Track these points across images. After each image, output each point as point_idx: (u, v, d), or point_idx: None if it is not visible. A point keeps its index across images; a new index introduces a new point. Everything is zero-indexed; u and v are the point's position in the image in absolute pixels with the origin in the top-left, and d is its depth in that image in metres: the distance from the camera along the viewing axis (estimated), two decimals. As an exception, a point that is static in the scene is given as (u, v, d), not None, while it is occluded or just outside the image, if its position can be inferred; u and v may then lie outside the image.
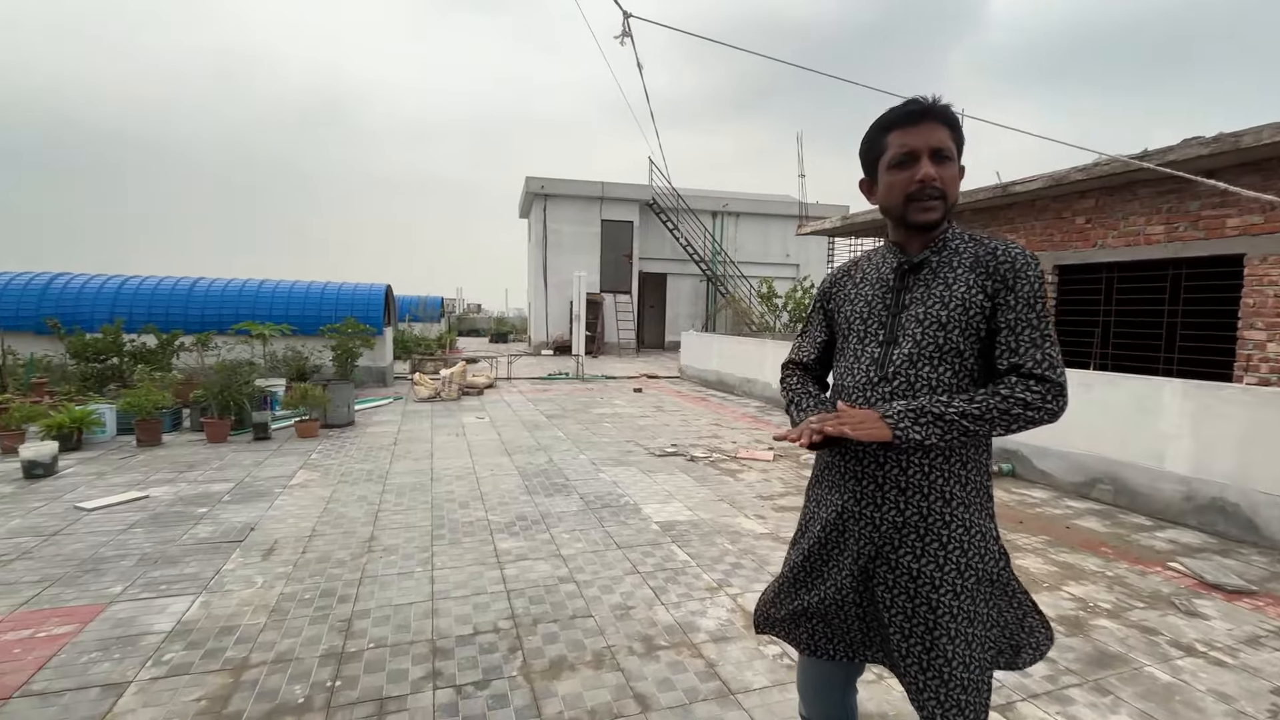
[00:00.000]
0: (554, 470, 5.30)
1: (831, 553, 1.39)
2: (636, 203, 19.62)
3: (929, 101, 1.28)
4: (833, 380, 1.46)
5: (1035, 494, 4.94)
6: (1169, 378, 4.50)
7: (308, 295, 10.02)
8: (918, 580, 1.26)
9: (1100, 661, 2.53)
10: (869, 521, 1.30)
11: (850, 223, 10.22)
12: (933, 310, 1.28)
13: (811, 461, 5.83)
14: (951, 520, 1.26)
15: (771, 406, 9.19)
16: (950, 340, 1.26)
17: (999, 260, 1.25)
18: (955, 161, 1.29)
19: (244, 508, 4.17)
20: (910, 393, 1.27)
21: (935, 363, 1.26)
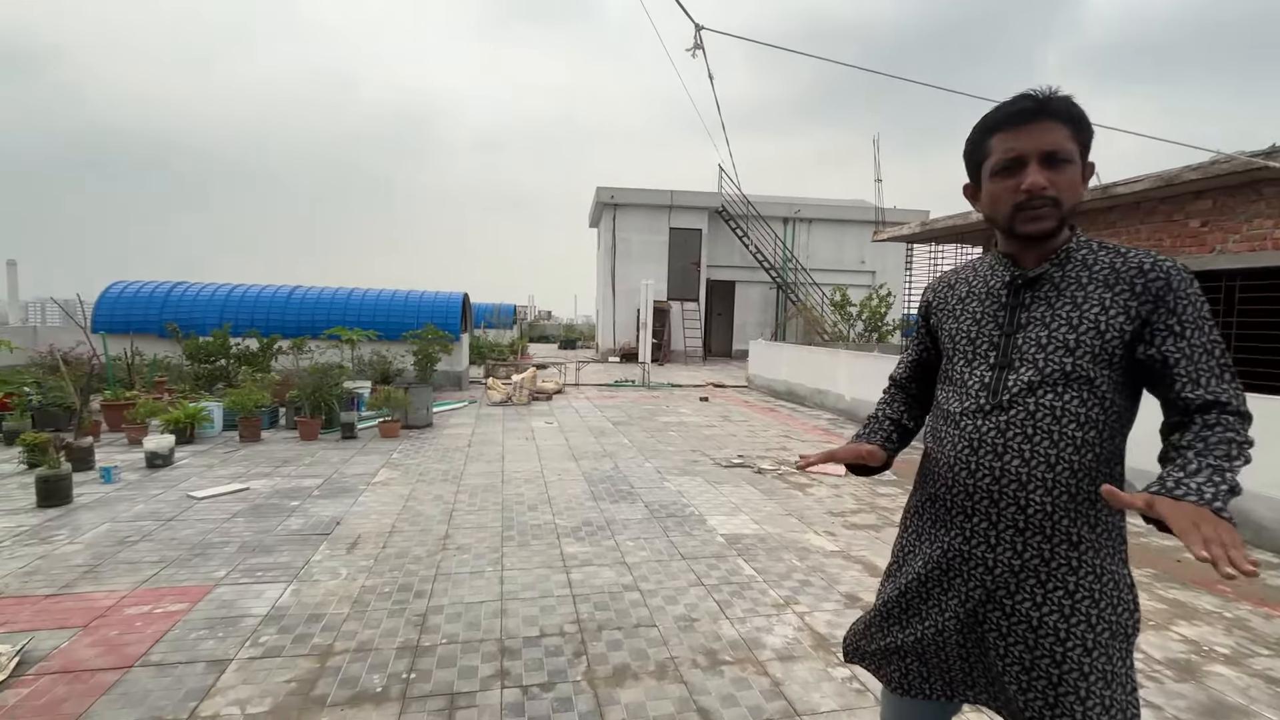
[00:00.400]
0: (619, 477, 5.34)
1: (933, 591, 1.28)
2: (705, 210, 19.57)
3: (1041, 97, 1.13)
4: (937, 403, 1.33)
5: (1137, 521, 4.53)
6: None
7: (392, 303, 10.60)
8: (1039, 631, 1.12)
9: (1216, 712, 2.28)
10: (980, 562, 1.18)
11: (930, 228, 9.79)
12: (1058, 333, 1.13)
13: (886, 478, 5.63)
14: (1080, 566, 1.12)
15: (844, 419, 8.90)
16: (1079, 367, 1.11)
17: (1149, 278, 1.09)
18: (1076, 164, 1.13)
19: (331, 503, 4.44)
20: (1031, 423, 1.12)
21: (1060, 390, 1.11)
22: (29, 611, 2.77)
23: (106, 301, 10.24)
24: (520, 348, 14.01)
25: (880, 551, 3.78)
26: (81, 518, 4.00)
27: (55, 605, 2.83)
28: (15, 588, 3.00)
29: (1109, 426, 1.12)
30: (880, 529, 4.20)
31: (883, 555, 3.72)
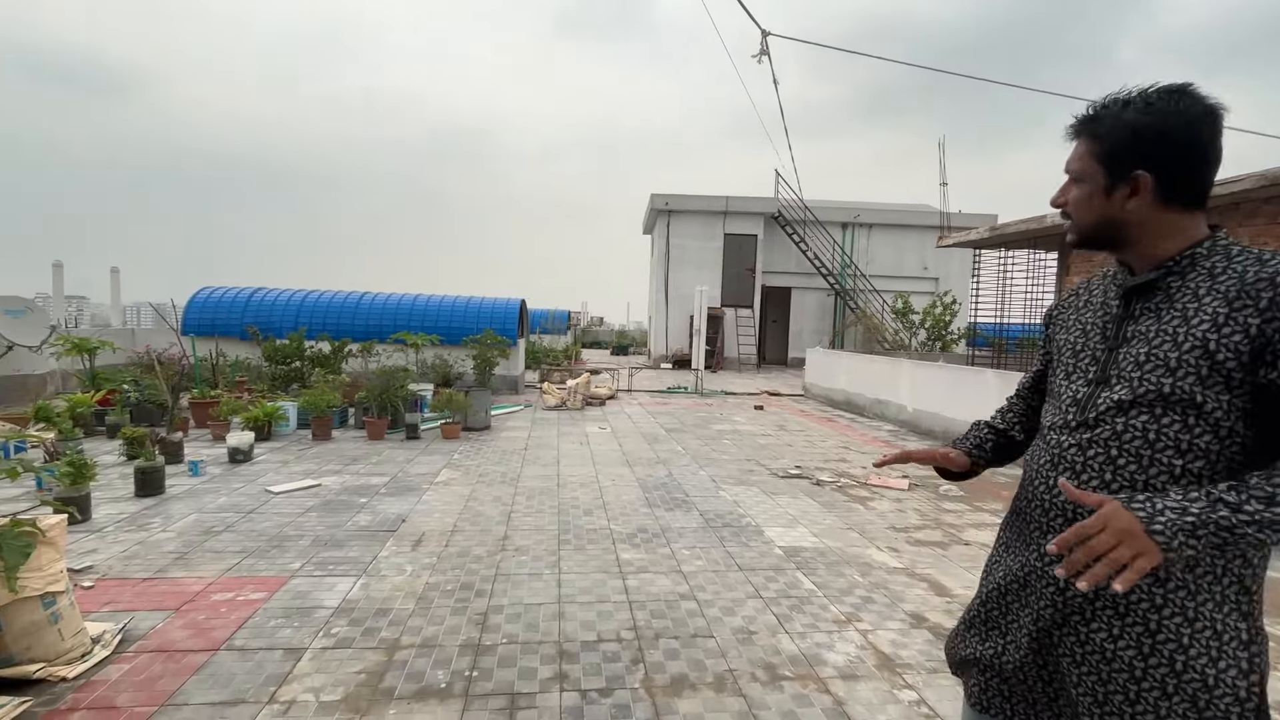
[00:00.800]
0: (673, 485, 5.32)
1: (1011, 606, 1.22)
2: (761, 216, 19.36)
3: (1091, 112, 1.11)
4: (1042, 420, 1.26)
5: None
6: None
7: (453, 308, 10.95)
8: (1113, 664, 1.03)
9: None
10: (1053, 582, 1.10)
11: (1000, 233, 9.36)
12: (1159, 349, 1.02)
13: (952, 493, 5.39)
14: (1165, 605, 1.00)
15: (906, 431, 8.59)
16: (1180, 389, 0.99)
17: (1276, 288, 0.93)
18: (1085, 182, 1.10)
19: (397, 501, 4.61)
20: (1116, 445, 1.04)
21: (1158, 414, 1.01)
22: (129, 593, 2.99)
23: (195, 306, 11.00)
24: (574, 353, 14.21)
25: (947, 570, 3.62)
26: (173, 507, 4.30)
27: (151, 588, 3.05)
28: (117, 570, 3.25)
29: (1225, 458, 0.98)
30: (947, 546, 4.02)
31: (950, 574, 3.56)
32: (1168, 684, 1.00)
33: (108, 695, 2.20)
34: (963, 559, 3.82)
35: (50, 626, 2.30)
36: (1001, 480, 5.89)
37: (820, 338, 21.15)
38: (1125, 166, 1.06)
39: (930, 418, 8.22)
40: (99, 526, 3.88)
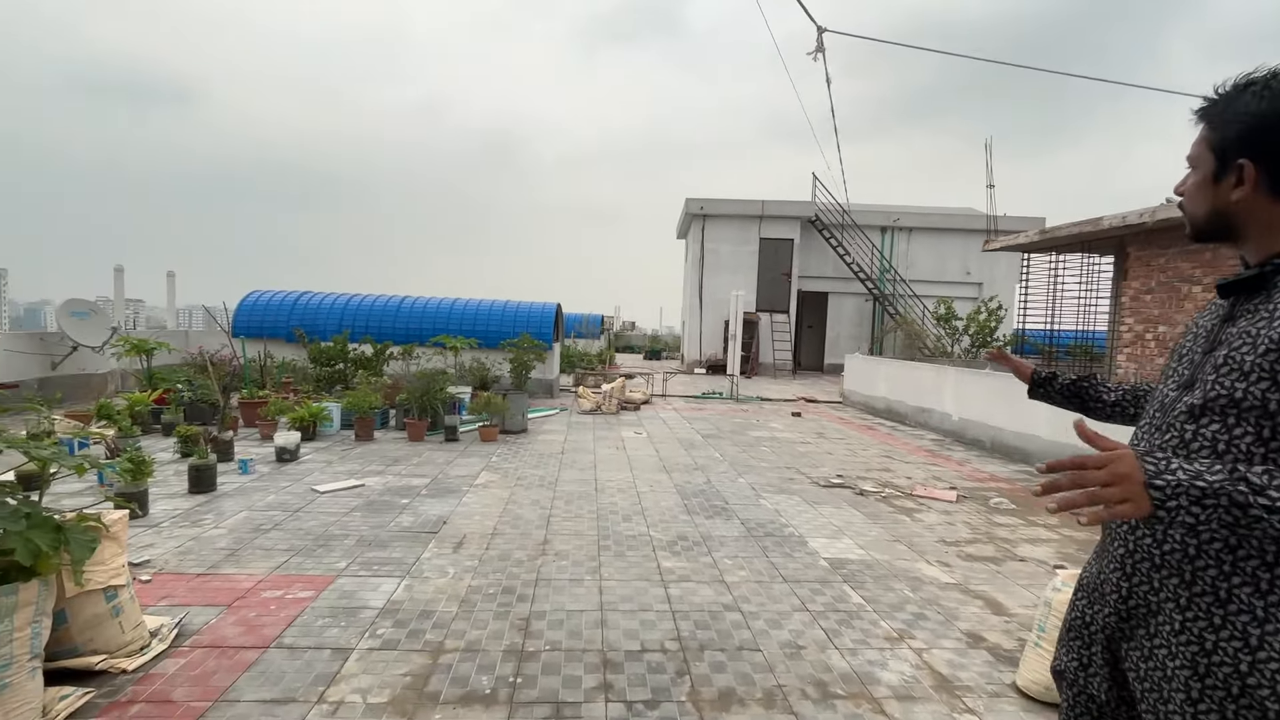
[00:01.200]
0: (712, 492, 5.24)
1: (1085, 613, 1.19)
2: (798, 220, 19.12)
3: (1210, 100, 1.05)
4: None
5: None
6: None
7: (490, 312, 11.08)
8: (1171, 682, 0.99)
9: None
10: (1115, 589, 1.09)
11: (1049, 237, 9.02)
12: (1238, 351, 0.96)
13: (1004, 505, 5.18)
14: (1224, 626, 0.93)
15: (951, 440, 8.32)
16: (1251, 394, 0.92)
17: None
18: (1199, 169, 1.06)
19: (438, 502, 4.65)
20: (1184, 452, 0.99)
21: (1230, 423, 0.95)
22: (184, 588, 3.06)
23: (245, 308, 11.38)
24: (608, 357, 14.21)
25: (1004, 588, 3.46)
26: (224, 504, 4.42)
27: (205, 584, 3.12)
28: (173, 564, 3.34)
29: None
30: (1001, 562, 3.85)
31: (1007, 591, 3.40)
32: (1226, 709, 0.93)
33: (164, 689, 2.24)
34: (1019, 576, 3.65)
35: (112, 620, 2.36)
36: (1056, 494, 5.64)
37: (858, 344, 20.74)
38: (1234, 154, 1.00)
39: (976, 427, 7.94)
40: (155, 521, 4.00)
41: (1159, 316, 7.77)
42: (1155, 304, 7.82)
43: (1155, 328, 7.81)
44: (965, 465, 6.82)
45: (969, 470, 6.56)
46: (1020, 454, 7.07)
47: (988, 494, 5.56)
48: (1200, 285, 7.26)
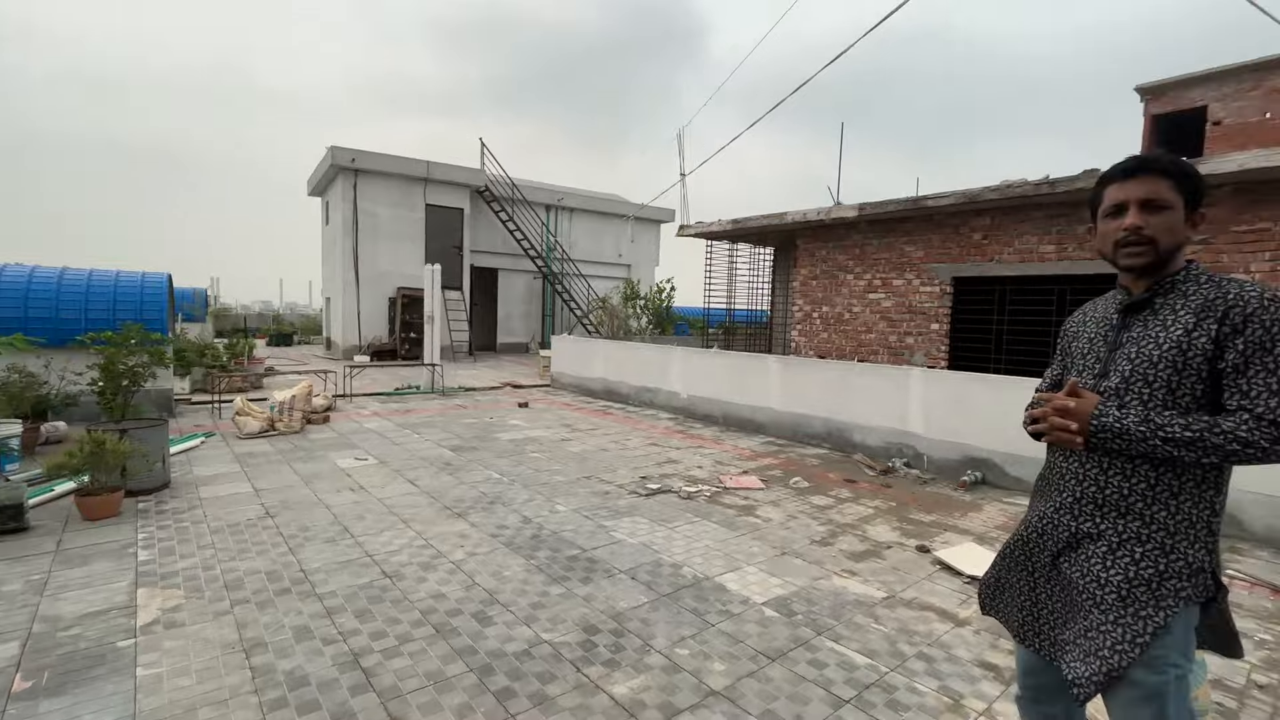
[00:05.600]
0: (547, 535, 3.97)
1: (1034, 540, 1.53)
2: (467, 188, 17.56)
3: (1145, 157, 1.39)
4: None
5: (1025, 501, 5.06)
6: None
7: (48, 290, 6.64)
8: (1105, 587, 1.37)
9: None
10: (1065, 528, 1.45)
11: (740, 226, 10.09)
12: (1145, 349, 1.38)
13: (800, 484, 5.37)
14: (1148, 540, 1.35)
15: (685, 418, 8.60)
16: (1159, 376, 1.35)
17: (1229, 304, 1.31)
18: (1175, 210, 1.37)
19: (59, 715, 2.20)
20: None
21: (1144, 397, 1.35)
22: None
23: None
24: (245, 350, 10.41)
25: (926, 589, 3.35)
26: None
27: None
28: None
29: None
30: (881, 555, 3.80)
31: (929, 592, 3.30)
32: (1148, 598, 1.32)
33: None
34: (914, 568, 3.63)
35: None
36: (813, 465, 6.18)
37: (530, 323, 20.57)
38: (1194, 201, 1.38)
39: (707, 403, 8.37)
40: None
41: (822, 299, 9.46)
42: (819, 288, 9.49)
43: (820, 308, 9.49)
44: (723, 443, 7.02)
45: (730, 447, 6.76)
46: (754, 425, 7.68)
47: (773, 472, 5.72)
48: (852, 274, 9.05)
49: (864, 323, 8.87)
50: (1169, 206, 1.37)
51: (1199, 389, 1.32)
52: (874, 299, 8.75)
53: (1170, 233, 1.38)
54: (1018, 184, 6.80)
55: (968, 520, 4.59)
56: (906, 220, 8.28)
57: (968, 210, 7.60)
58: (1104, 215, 1.47)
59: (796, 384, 7.23)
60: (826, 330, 9.38)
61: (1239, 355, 1.28)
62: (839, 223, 8.83)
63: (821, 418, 6.96)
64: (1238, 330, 1.29)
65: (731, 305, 11.45)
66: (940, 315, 8.02)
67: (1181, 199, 1.38)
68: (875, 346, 8.72)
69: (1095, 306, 1.58)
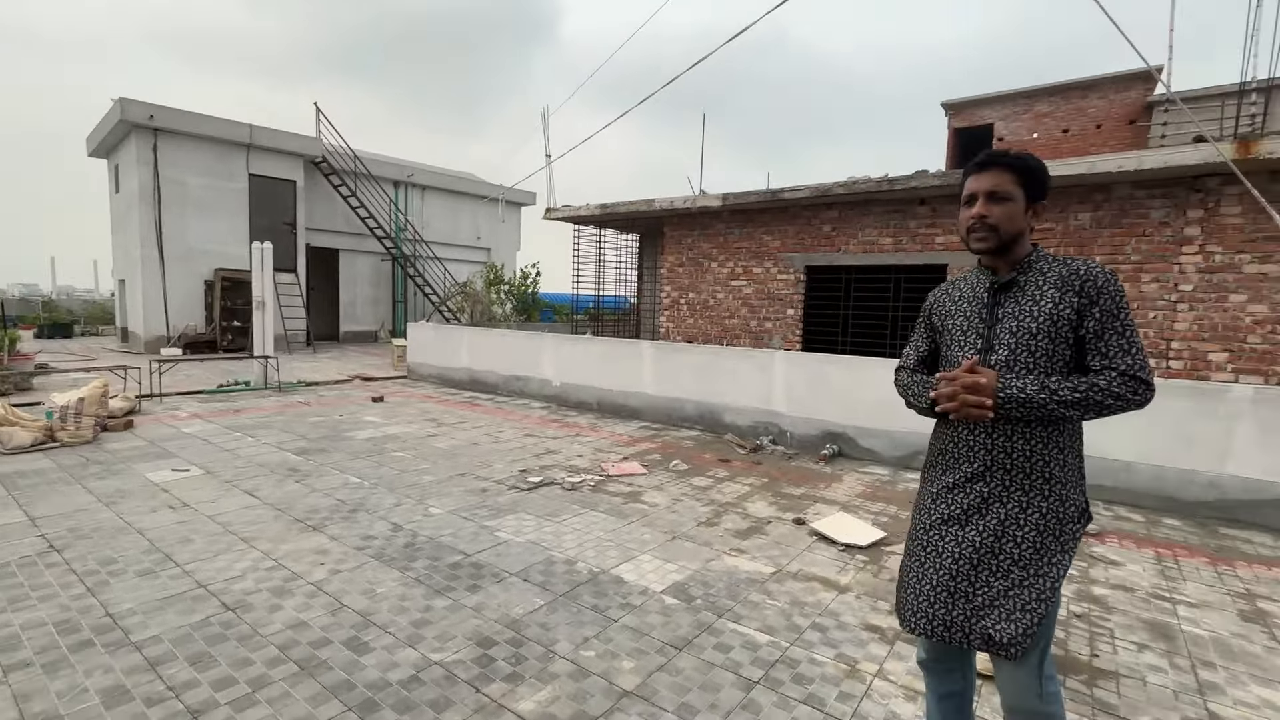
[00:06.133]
0: (422, 543, 3.61)
1: (935, 520, 1.64)
2: (300, 158, 15.61)
3: (993, 153, 1.59)
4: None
5: (877, 470, 5.58)
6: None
7: None
8: (1022, 545, 1.52)
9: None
10: (977, 494, 1.57)
11: (609, 212, 10.03)
12: (1024, 323, 1.54)
13: (679, 467, 5.45)
14: (1051, 495, 1.52)
15: (559, 406, 8.39)
16: (1039, 347, 1.52)
17: (1083, 279, 1.50)
18: (1014, 201, 1.55)
19: None
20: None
21: (1029, 366, 1.52)
22: None
23: None
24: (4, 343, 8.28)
25: (812, 561, 3.53)
26: None
27: None
28: None
29: None
30: (765, 530, 3.96)
31: (819, 566, 3.49)
32: (1055, 544, 1.50)
33: None
34: (795, 541, 3.81)
35: None
36: (689, 447, 6.34)
37: (378, 309, 18.95)
38: (1034, 193, 1.57)
39: (581, 390, 8.24)
40: None
41: (688, 285, 9.71)
42: (686, 275, 9.73)
43: (687, 294, 9.74)
44: (600, 430, 6.95)
45: (608, 434, 6.71)
46: (629, 411, 7.70)
47: (653, 457, 5.77)
48: (716, 261, 9.38)
49: (728, 308, 9.25)
50: (1010, 198, 1.55)
51: (1068, 354, 1.52)
52: (736, 286, 9.15)
53: (1010, 220, 1.55)
54: (862, 180, 7.44)
55: (832, 491, 4.95)
56: (765, 211, 8.73)
57: (819, 203, 8.19)
58: (962, 204, 1.65)
59: (670, 369, 7.35)
60: (693, 316, 9.65)
61: (1097, 323, 1.48)
62: (704, 212, 9.09)
63: (694, 401, 7.14)
64: (1093, 301, 1.49)
65: (600, 291, 11.38)
66: (795, 301, 8.59)
67: (1023, 191, 1.56)
68: (738, 331, 9.15)
69: (959, 286, 1.72)
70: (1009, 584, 1.50)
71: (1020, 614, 1.47)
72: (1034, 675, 1.51)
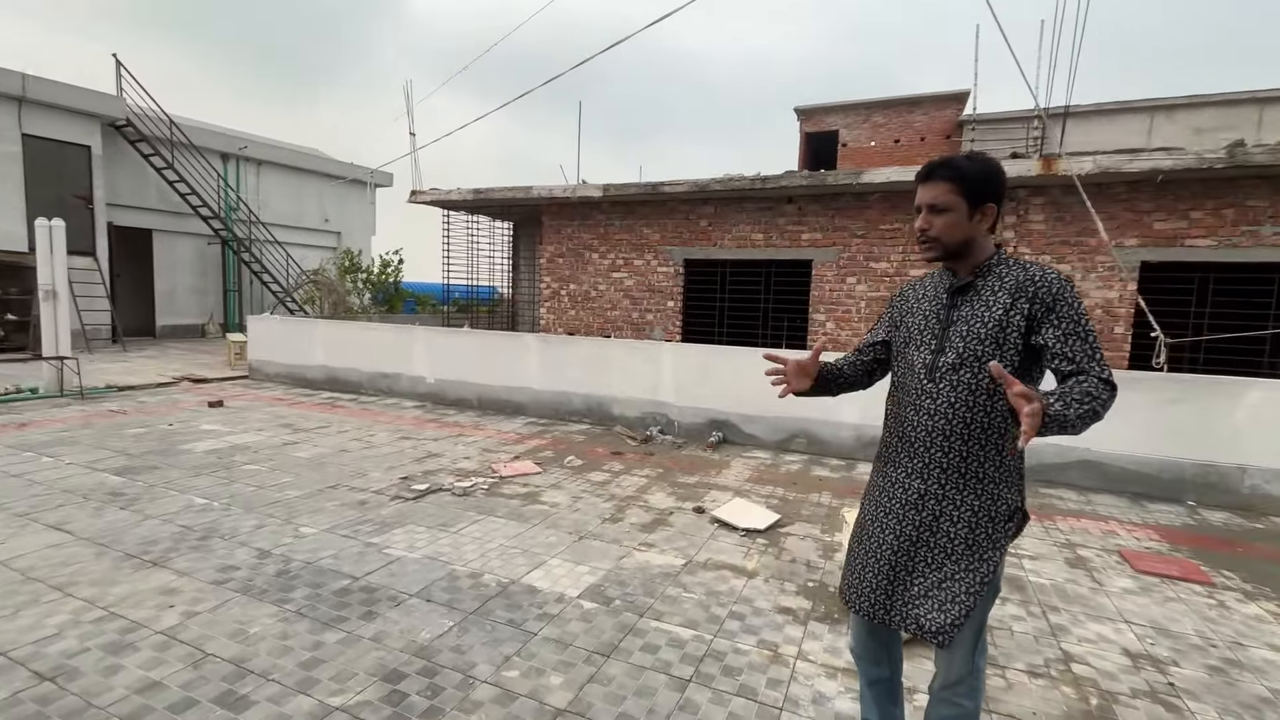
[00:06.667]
0: (298, 569, 3.17)
1: (882, 503, 1.70)
2: (97, 120, 13.06)
3: (931, 164, 1.62)
4: (893, 375, 1.77)
5: (760, 454, 5.87)
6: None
7: None
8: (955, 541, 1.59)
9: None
10: (916, 490, 1.62)
11: (483, 198, 9.55)
12: (974, 327, 1.56)
13: (574, 462, 5.33)
14: (983, 493, 1.57)
15: (434, 404, 7.85)
16: (985, 351, 1.54)
17: (1036, 285, 1.52)
18: (954, 211, 1.58)
19: None
20: (953, 394, 1.57)
21: (975, 369, 1.54)
22: None
23: None
24: None
25: (720, 550, 3.61)
26: None
27: None
28: None
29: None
30: (669, 523, 3.99)
31: (727, 553, 3.57)
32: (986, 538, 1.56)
33: None
34: (697, 530, 3.88)
35: None
36: (580, 441, 6.25)
37: (205, 299, 16.52)
38: (980, 199, 1.57)
39: (459, 386, 7.80)
40: None
41: (569, 276, 9.55)
42: (567, 266, 9.55)
43: (568, 285, 9.57)
44: (484, 428, 6.62)
45: (494, 432, 6.41)
46: (514, 407, 7.42)
47: (545, 454, 5.60)
48: (597, 253, 9.31)
49: (609, 300, 9.23)
50: (949, 209, 1.58)
51: (1016, 359, 1.53)
52: (618, 278, 9.15)
53: (950, 231, 1.59)
54: (737, 178, 7.75)
55: (723, 477, 5.12)
56: (645, 204, 8.81)
57: (697, 198, 8.41)
58: (915, 212, 1.68)
59: (557, 362, 7.18)
60: (575, 308, 9.51)
61: (1057, 329, 1.48)
62: (585, 202, 8.96)
63: (582, 394, 7.04)
64: (1050, 308, 1.50)
65: (474, 281, 10.83)
66: (675, 293, 8.78)
67: (963, 200, 1.57)
68: (620, 323, 9.17)
69: (924, 284, 1.75)
70: (942, 576, 1.57)
71: (950, 605, 1.55)
72: (968, 655, 1.62)
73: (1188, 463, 4.85)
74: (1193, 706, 2.31)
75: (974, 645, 1.62)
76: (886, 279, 7.61)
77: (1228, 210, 6.25)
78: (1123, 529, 4.22)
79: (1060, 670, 2.51)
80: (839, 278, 7.83)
